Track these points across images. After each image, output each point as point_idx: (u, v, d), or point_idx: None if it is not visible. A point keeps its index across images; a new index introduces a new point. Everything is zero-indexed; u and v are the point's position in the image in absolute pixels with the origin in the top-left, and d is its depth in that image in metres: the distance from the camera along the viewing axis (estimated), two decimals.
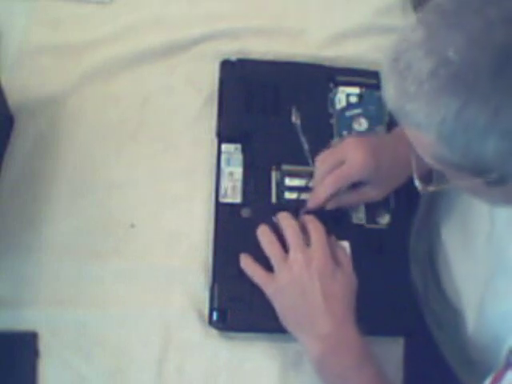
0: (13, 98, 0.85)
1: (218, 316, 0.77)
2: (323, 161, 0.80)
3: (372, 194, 0.80)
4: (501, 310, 0.73)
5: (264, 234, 0.78)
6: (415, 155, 0.64)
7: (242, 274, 0.78)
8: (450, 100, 0.52)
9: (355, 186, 0.80)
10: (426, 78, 0.53)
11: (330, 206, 0.80)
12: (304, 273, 0.74)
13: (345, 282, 0.74)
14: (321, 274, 0.73)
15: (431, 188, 0.68)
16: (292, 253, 0.75)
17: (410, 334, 0.80)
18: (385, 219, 0.84)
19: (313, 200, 0.80)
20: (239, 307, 0.77)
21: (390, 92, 0.57)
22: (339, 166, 0.78)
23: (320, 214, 0.80)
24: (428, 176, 0.68)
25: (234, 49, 0.94)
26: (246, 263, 0.78)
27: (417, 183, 0.67)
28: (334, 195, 0.79)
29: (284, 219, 0.79)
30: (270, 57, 0.94)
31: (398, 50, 0.55)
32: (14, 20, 0.94)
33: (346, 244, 0.81)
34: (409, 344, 0.80)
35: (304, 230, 0.78)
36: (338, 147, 0.81)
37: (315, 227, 0.77)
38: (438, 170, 0.63)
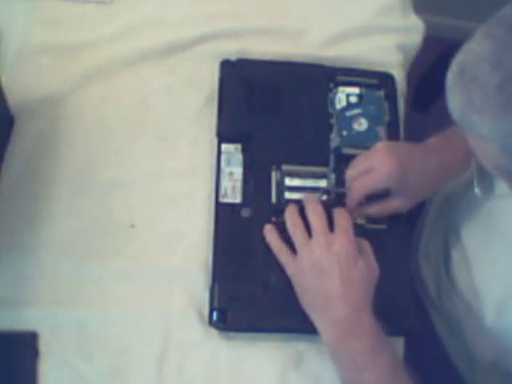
0: (13, 98, 0.85)
1: (218, 316, 0.77)
2: (353, 167, 0.81)
3: (397, 204, 0.81)
4: None
5: (290, 216, 0.79)
6: (476, 164, 0.64)
7: (241, 273, 0.79)
8: None
9: (382, 196, 0.81)
10: (492, 92, 0.52)
11: (357, 217, 0.82)
12: (324, 257, 0.74)
13: (365, 270, 0.74)
14: (341, 258, 0.73)
15: (491, 196, 0.68)
16: (315, 236, 0.76)
17: (410, 333, 0.80)
18: (385, 219, 0.84)
19: (347, 207, 0.81)
20: (239, 307, 0.77)
21: (455, 103, 0.56)
22: (368, 173, 0.79)
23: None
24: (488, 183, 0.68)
25: (234, 49, 0.94)
26: (272, 238, 0.79)
27: (477, 190, 0.68)
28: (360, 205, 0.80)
29: (309, 203, 0.79)
30: (269, 57, 0.94)
31: (464, 63, 0.55)
32: (14, 20, 0.94)
33: None
34: (409, 344, 0.80)
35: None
36: (368, 154, 0.81)
37: (341, 214, 0.77)
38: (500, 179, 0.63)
